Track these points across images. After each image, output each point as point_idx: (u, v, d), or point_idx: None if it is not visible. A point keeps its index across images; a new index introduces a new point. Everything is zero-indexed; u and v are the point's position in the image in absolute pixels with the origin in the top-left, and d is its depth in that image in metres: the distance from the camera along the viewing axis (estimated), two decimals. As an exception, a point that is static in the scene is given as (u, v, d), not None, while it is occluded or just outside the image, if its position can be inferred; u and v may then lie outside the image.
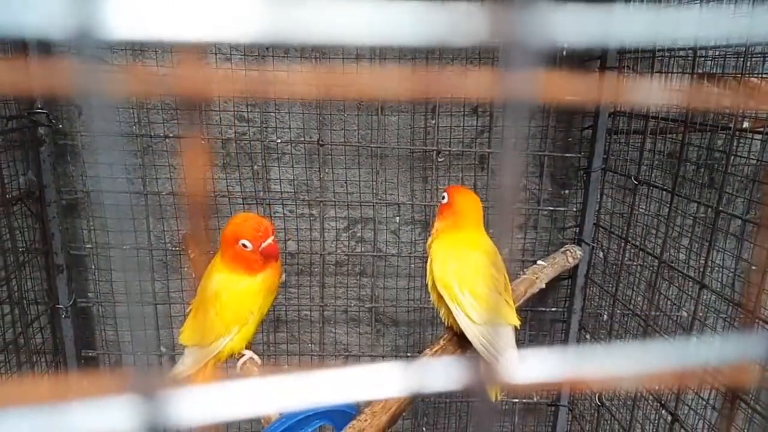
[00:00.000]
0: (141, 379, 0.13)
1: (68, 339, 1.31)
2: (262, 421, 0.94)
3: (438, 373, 0.15)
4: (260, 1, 0.12)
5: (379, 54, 1.27)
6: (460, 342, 0.97)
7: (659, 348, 0.17)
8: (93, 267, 1.36)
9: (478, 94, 0.13)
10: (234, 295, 0.91)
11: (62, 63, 0.12)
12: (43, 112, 1.18)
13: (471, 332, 0.87)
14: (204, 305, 0.92)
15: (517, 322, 0.89)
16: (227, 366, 1.00)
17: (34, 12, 0.11)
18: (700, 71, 1.14)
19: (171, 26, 0.12)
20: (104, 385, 0.13)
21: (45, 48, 1.12)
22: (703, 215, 1.24)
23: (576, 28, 0.13)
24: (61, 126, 1.24)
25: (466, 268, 0.89)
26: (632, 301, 1.30)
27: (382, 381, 0.14)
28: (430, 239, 0.99)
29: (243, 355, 0.99)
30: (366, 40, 0.12)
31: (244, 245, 0.88)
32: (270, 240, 0.89)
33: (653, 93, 0.15)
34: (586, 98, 0.15)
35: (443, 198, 0.98)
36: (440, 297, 0.91)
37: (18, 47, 1.11)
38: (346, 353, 1.47)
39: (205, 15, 0.12)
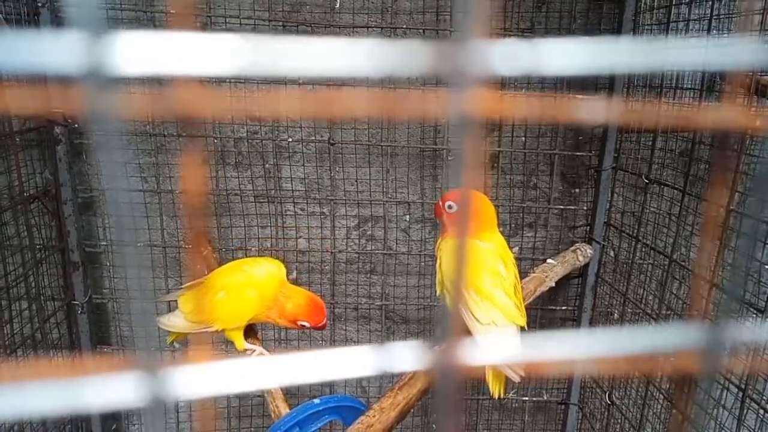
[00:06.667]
0: (145, 357, 0.14)
1: (84, 334, 1.33)
2: (273, 415, 0.95)
3: (404, 355, 0.15)
4: (241, 40, 0.14)
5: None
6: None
7: (609, 334, 0.18)
8: (108, 264, 1.38)
9: (433, 114, 0.14)
10: (235, 301, 0.96)
11: (73, 88, 0.13)
12: (60, 111, 1.20)
13: (475, 331, 0.87)
14: (212, 289, 0.97)
15: (524, 323, 0.89)
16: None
17: (50, 52, 0.13)
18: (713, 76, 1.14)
19: (170, 63, 0.14)
20: (113, 365, 0.14)
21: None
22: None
23: (511, 59, 0.14)
24: (76, 125, 1.27)
25: (472, 266, 0.89)
26: (643, 300, 1.29)
27: (353, 362, 0.15)
28: (438, 241, 0.98)
29: (252, 351, 1.01)
30: (329, 72, 0.14)
31: (303, 325, 0.97)
32: (324, 320, 0.99)
33: (599, 111, 0.16)
34: (543, 118, 0.16)
35: (450, 207, 0.92)
36: (448, 295, 0.92)
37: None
38: (357, 350, 1.48)
39: (197, 52, 0.14)
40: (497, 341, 0.82)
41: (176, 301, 1.01)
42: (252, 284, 0.96)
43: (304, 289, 1.01)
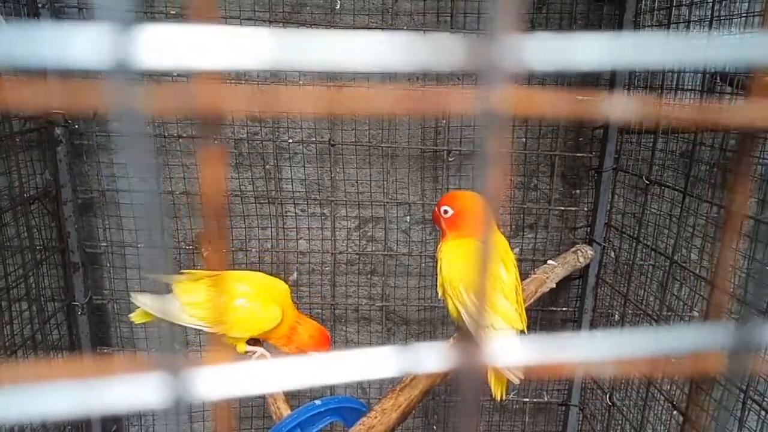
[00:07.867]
0: (165, 358, 0.14)
1: (84, 335, 1.33)
2: (274, 417, 0.95)
3: (428, 356, 0.15)
4: (267, 34, 0.14)
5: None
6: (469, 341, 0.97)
7: (628, 336, 0.17)
8: (108, 264, 1.38)
9: (462, 110, 0.14)
10: (254, 313, 0.95)
11: (87, 82, 0.13)
12: (60, 113, 1.20)
13: (474, 333, 0.87)
14: (230, 293, 0.94)
15: (522, 327, 0.88)
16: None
17: (75, 46, 0.13)
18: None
19: (192, 57, 0.14)
20: (125, 367, 0.14)
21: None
22: (715, 215, 1.24)
23: (546, 54, 0.14)
24: (77, 126, 1.26)
25: (472, 269, 0.88)
26: (644, 301, 1.29)
27: (377, 363, 0.15)
28: (439, 244, 0.98)
29: (254, 353, 1.00)
30: (358, 67, 0.14)
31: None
32: (329, 349, 1.03)
33: (619, 107, 0.16)
34: (559, 114, 0.16)
35: (446, 212, 0.91)
36: (449, 297, 0.92)
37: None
38: (357, 351, 1.48)
39: (221, 46, 0.14)
40: (501, 345, 0.82)
41: (170, 283, 0.95)
42: (277, 303, 0.95)
43: (311, 319, 1.03)
